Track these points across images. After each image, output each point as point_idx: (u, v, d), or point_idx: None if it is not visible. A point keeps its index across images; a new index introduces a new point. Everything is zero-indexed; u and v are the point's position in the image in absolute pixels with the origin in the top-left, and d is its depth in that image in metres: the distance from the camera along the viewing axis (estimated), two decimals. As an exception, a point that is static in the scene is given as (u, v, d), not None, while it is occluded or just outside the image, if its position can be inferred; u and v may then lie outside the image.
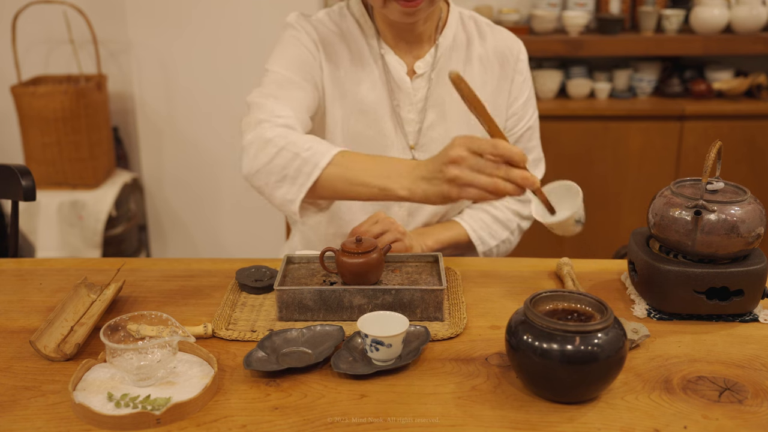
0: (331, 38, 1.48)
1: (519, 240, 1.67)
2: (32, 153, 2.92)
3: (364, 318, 1.08)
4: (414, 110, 1.51)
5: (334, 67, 1.48)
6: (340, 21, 1.50)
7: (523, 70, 1.56)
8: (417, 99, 1.51)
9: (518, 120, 1.57)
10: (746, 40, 2.90)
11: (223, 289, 1.32)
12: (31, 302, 1.29)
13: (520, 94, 1.56)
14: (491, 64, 1.54)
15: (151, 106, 3.15)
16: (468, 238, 1.56)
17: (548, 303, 1.04)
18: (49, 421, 0.95)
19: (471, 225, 1.57)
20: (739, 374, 1.04)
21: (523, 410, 0.97)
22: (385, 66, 1.49)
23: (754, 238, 1.16)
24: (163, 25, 3.04)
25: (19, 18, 2.97)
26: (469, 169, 1.11)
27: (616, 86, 3.07)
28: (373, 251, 1.22)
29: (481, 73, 1.53)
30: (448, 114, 1.52)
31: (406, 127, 1.51)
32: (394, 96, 1.50)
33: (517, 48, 1.56)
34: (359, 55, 1.49)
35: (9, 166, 1.64)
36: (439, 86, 1.51)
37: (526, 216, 1.63)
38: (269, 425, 0.94)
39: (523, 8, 3.16)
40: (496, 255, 1.62)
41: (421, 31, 1.49)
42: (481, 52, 1.54)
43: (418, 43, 1.50)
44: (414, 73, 1.50)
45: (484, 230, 1.58)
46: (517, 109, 1.56)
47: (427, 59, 1.51)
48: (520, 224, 1.63)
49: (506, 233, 1.61)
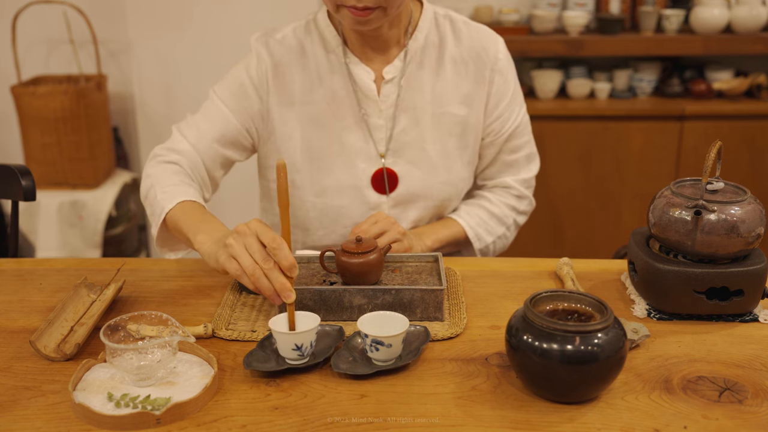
0: (288, 58, 1.49)
1: (515, 236, 1.67)
2: (32, 153, 2.92)
3: (364, 318, 1.08)
4: (383, 116, 1.49)
5: (287, 88, 1.49)
6: (303, 36, 1.50)
7: (503, 70, 1.53)
8: (386, 105, 1.49)
9: (505, 121, 1.55)
10: (746, 40, 2.90)
11: (223, 289, 1.32)
12: (31, 302, 1.29)
13: (504, 96, 1.53)
14: (466, 64, 1.51)
15: (151, 106, 3.15)
16: (465, 234, 1.56)
17: (548, 303, 1.04)
18: (49, 421, 0.95)
19: (468, 222, 1.57)
20: (739, 374, 1.04)
21: (523, 410, 0.97)
22: (350, 76, 1.48)
23: (754, 238, 1.16)
24: (164, 25, 3.04)
25: (19, 18, 2.97)
26: (243, 246, 1.12)
27: (616, 86, 3.07)
28: (373, 251, 1.23)
29: (454, 74, 1.51)
30: (421, 118, 1.50)
31: (376, 134, 1.50)
32: (362, 105, 1.49)
33: (494, 47, 1.52)
34: (317, 70, 1.49)
35: (9, 166, 1.64)
36: (410, 90, 1.49)
37: (521, 211, 1.63)
38: (269, 425, 0.94)
39: (523, 8, 3.16)
40: (493, 252, 1.62)
41: (388, 36, 1.46)
42: (455, 53, 1.51)
43: (385, 48, 1.48)
44: (383, 79, 1.49)
45: (481, 227, 1.57)
46: (503, 111, 1.54)
47: (396, 64, 1.49)
48: (516, 219, 1.63)
49: (502, 229, 1.60)
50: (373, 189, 1.52)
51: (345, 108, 1.49)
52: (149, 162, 1.49)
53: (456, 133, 1.52)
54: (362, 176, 1.51)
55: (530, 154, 1.62)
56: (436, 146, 1.52)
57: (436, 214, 1.58)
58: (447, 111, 1.51)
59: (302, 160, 1.51)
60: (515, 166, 1.60)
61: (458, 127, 1.52)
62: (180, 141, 1.50)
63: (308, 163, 1.51)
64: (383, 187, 1.51)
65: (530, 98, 2.96)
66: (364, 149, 1.50)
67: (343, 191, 1.51)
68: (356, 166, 1.50)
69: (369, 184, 1.51)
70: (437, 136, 1.51)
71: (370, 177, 1.51)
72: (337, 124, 1.49)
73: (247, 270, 1.11)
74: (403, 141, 1.51)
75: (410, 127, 1.50)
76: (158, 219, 1.37)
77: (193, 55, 3.06)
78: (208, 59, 3.05)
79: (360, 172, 1.51)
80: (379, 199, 1.52)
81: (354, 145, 1.50)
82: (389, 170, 1.51)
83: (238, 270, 1.13)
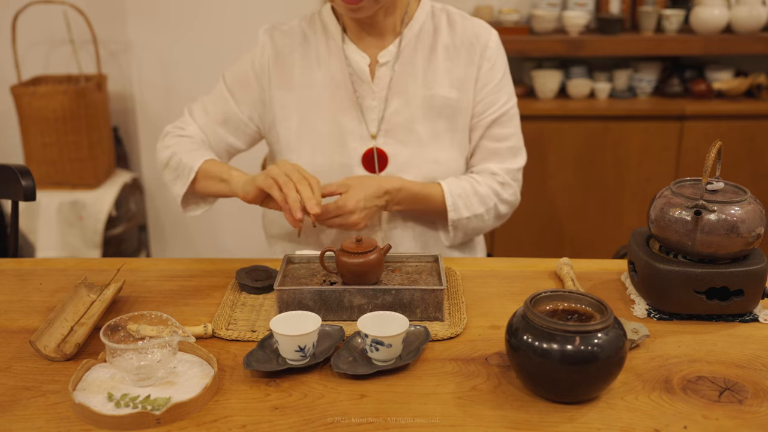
0: (290, 46, 1.59)
1: (494, 225, 1.64)
2: (32, 153, 2.92)
3: (364, 318, 1.08)
4: (376, 98, 1.56)
5: (288, 73, 1.58)
6: (307, 26, 1.61)
7: (492, 57, 1.58)
8: (380, 88, 1.56)
9: (488, 105, 1.58)
10: (746, 40, 2.90)
11: (223, 289, 1.32)
12: (31, 302, 1.29)
13: (489, 81, 1.58)
14: (457, 51, 1.58)
15: (151, 106, 3.15)
16: (442, 200, 1.54)
17: (548, 303, 1.04)
18: (49, 421, 0.95)
19: (450, 188, 1.55)
20: (739, 374, 1.04)
21: (523, 410, 0.97)
22: (347, 59, 1.56)
23: (754, 238, 1.16)
24: (164, 25, 3.04)
25: (19, 18, 2.97)
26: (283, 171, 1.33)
27: (616, 86, 3.07)
28: (373, 251, 1.23)
29: (446, 60, 1.57)
30: (412, 100, 1.56)
31: (368, 116, 1.56)
32: (356, 88, 1.55)
33: (486, 36, 1.59)
34: (317, 55, 1.58)
35: (9, 166, 1.64)
36: (403, 75, 1.56)
37: (504, 199, 1.60)
38: (269, 425, 0.94)
39: (523, 8, 3.16)
40: (464, 230, 1.58)
41: (383, 24, 1.56)
42: (448, 42, 1.58)
43: (381, 35, 1.57)
44: (377, 63, 1.56)
45: (461, 198, 1.55)
46: (486, 95, 1.58)
47: (391, 49, 1.56)
48: (498, 205, 1.59)
49: (482, 209, 1.57)
50: (363, 168, 1.56)
51: (341, 90, 1.57)
52: (163, 138, 1.61)
53: (446, 114, 1.57)
54: (353, 155, 1.56)
55: (515, 147, 1.62)
56: (426, 127, 1.56)
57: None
58: (437, 93, 1.56)
59: (297, 140, 1.58)
60: (499, 154, 1.61)
61: (448, 109, 1.57)
62: (189, 123, 1.63)
63: (303, 143, 1.58)
64: (373, 166, 1.56)
65: (530, 98, 2.96)
66: (357, 130, 1.56)
67: (334, 170, 1.56)
68: (348, 145, 1.56)
69: (359, 162, 1.56)
70: (427, 117, 1.56)
71: (360, 156, 1.56)
72: (333, 106, 1.56)
73: (280, 180, 1.30)
74: (395, 122, 1.56)
75: (402, 108, 1.56)
76: (188, 175, 1.51)
77: (193, 55, 3.06)
78: (208, 59, 3.05)
79: (351, 151, 1.56)
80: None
81: (347, 126, 1.56)
82: (379, 150, 1.56)
83: (271, 183, 1.32)
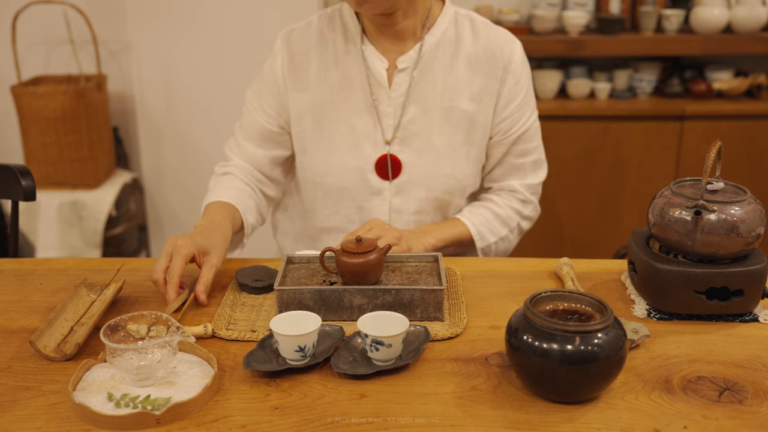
0: (306, 47, 1.55)
1: (518, 240, 1.67)
2: (32, 153, 2.92)
3: (364, 318, 1.08)
4: (393, 104, 1.53)
5: (303, 75, 1.55)
6: (326, 24, 1.57)
7: (517, 71, 1.54)
8: (397, 94, 1.53)
9: (514, 122, 1.56)
10: (746, 40, 2.90)
11: (223, 289, 1.32)
12: (31, 302, 1.29)
13: (514, 97, 1.54)
14: (479, 62, 1.53)
15: (151, 106, 3.15)
16: (469, 234, 1.57)
17: (548, 303, 1.04)
18: (49, 421, 0.95)
19: (471, 220, 1.57)
20: (739, 374, 1.04)
21: (523, 410, 0.97)
22: (365, 61, 1.52)
23: (754, 238, 1.16)
24: (164, 25, 3.03)
25: (19, 18, 2.97)
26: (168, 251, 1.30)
27: (616, 86, 3.07)
28: (373, 251, 1.23)
29: (467, 71, 1.53)
30: (430, 110, 1.53)
31: (384, 121, 1.54)
32: (373, 91, 1.52)
33: (510, 49, 1.54)
34: (334, 54, 1.54)
35: (9, 166, 1.64)
36: (422, 82, 1.52)
37: (526, 216, 1.63)
38: (269, 425, 0.94)
39: (523, 8, 3.16)
40: (495, 253, 1.62)
41: (402, 27, 1.51)
42: (470, 51, 1.53)
43: (400, 39, 1.52)
44: (396, 68, 1.52)
45: (484, 225, 1.58)
46: (512, 112, 1.55)
47: (411, 55, 1.52)
48: (521, 224, 1.63)
49: (505, 230, 1.61)
50: (376, 174, 1.55)
51: (357, 92, 1.53)
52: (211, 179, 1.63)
53: (463, 128, 1.54)
54: (367, 160, 1.54)
55: (538, 160, 1.63)
56: (443, 139, 1.54)
57: (439, 207, 1.58)
58: (456, 105, 1.53)
59: (311, 141, 1.56)
60: (522, 170, 1.61)
61: (466, 123, 1.54)
62: (230, 157, 1.63)
63: (317, 144, 1.56)
64: (386, 172, 1.54)
65: (530, 98, 2.96)
66: (372, 134, 1.54)
67: (347, 173, 1.55)
68: (362, 149, 1.54)
69: (373, 168, 1.55)
70: (444, 129, 1.54)
71: (374, 162, 1.54)
72: (348, 107, 1.54)
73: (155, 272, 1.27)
74: (411, 130, 1.53)
75: (419, 117, 1.53)
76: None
77: (193, 55, 3.06)
78: (208, 59, 3.05)
79: (365, 156, 1.54)
80: (382, 184, 1.55)
81: (362, 130, 1.54)
82: (393, 157, 1.54)
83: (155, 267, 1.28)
